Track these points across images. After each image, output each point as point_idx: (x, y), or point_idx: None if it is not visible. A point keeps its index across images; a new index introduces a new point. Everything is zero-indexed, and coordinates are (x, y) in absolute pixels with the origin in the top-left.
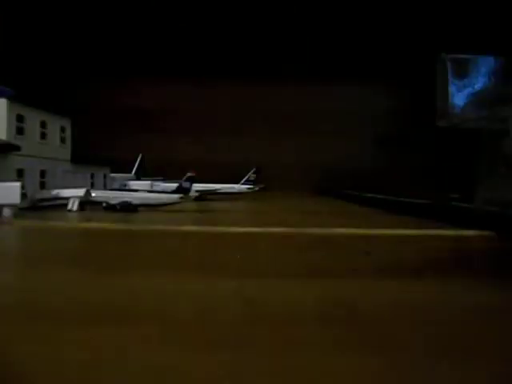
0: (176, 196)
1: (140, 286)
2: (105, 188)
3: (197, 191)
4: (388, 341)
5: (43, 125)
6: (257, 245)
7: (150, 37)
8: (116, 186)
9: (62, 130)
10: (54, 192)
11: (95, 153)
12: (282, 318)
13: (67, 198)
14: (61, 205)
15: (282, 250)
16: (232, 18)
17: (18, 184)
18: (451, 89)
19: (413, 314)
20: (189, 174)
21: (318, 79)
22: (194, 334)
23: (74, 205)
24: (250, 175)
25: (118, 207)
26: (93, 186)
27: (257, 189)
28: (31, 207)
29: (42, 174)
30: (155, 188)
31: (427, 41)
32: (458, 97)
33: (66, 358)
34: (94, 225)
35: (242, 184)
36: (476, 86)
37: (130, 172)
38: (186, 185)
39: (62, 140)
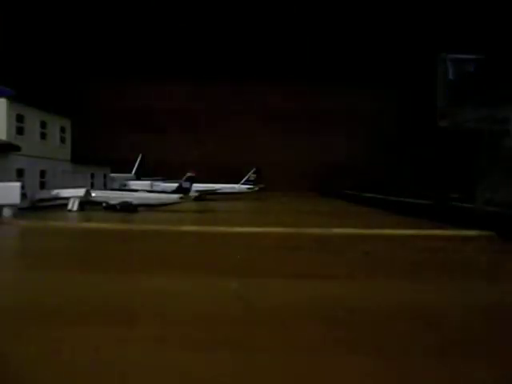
0: (176, 196)
1: (140, 285)
2: (105, 188)
3: (197, 191)
4: (388, 341)
5: (43, 125)
6: (257, 245)
7: (151, 37)
8: (116, 186)
9: (62, 129)
10: (54, 192)
11: (95, 153)
12: (282, 318)
13: (67, 198)
14: (61, 205)
15: (281, 250)
16: (232, 18)
17: (17, 184)
18: (451, 89)
19: (413, 314)
20: (189, 174)
21: (318, 79)
22: (193, 334)
23: (73, 205)
24: (250, 175)
25: (117, 207)
26: (93, 186)
27: (257, 189)
28: (31, 207)
29: (42, 174)
30: (155, 188)
31: (427, 41)
32: (458, 97)
33: (66, 358)
34: (93, 225)
35: (242, 184)
36: (475, 86)
37: (130, 172)
38: (185, 185)
39: (62, 140)
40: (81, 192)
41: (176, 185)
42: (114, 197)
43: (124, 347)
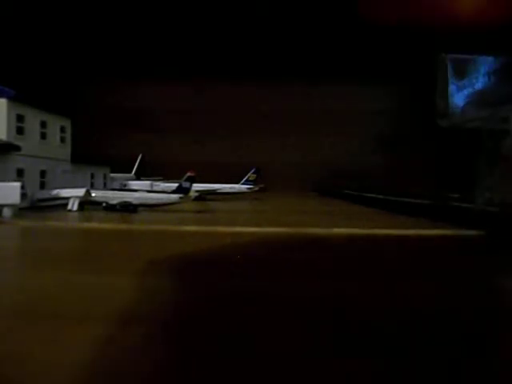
0: (176, 196)
1: (140, 285)
2: (105, 188)
3: (197, 191)
4: (388, 341)
5: (43, 125)
6: (257, 245)
7: (150, 37)
8: (116, 185)
9: (62, 129)
10: (54, 192)
11: (95, 153)
12: (282, 318)
13: (67, 198)
14: (61, 205)
15: (281, 249)
16: (232, 17)
17: (18, 184)
18: (451, 89)
19: (413, 314)
20: (188, 174)
21: (318, 80)
22: (193, 334)
23: (73, 205)
24: (250, 175)
25: (117, 207)
26: (93, 185)
27: (257, 189)
28: (31, 207)
29: (42, 173)
30: (155, 188)
31: (427, 41)
32: (458, 97)
33: (66, 358)
34: (94, 225)
35: (242, 184)
36: (476, 86)
37: (130, 172)
38: (185, 185)
39: (62, 140)
40: (81, 192)
41: (176, 185)
42: (114, 197)
43: (124, 348)
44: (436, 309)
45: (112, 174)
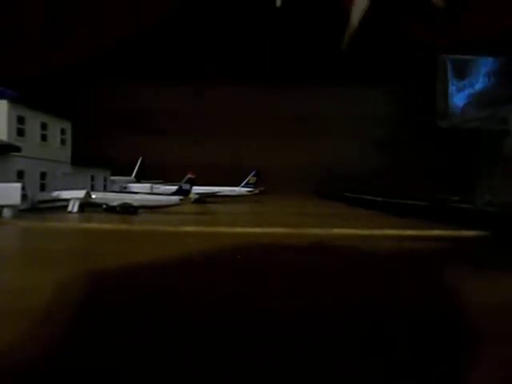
0: (176, 198)
1: (140, 285)
2: (105, 190)
3: (196, 194)
4: (387, 342)
5: (44, 126)
6: (257, 245)
7: (150, 37)
8: (116, 188)
9: (63, 131)
10: (55, 194)
11: (95, 155)
12: (282, 318)
13: (67, 200)
14: (61, 206)
15: (281, 250)
16: (232, 17)
17: (18, 185)
18: (451, 89)
19: (412, 315)
20: (188, 176)
21: (317, 81)
22: (193, 334)
23: (74, 206)
24: (250, 178)
25: (117, 209)
26: (93, 188)
27: (257, 191)
28: (31, 208)
29: (43, 175)
30: (155, 191)
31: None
32: (458, 97)
33: (65, 359)
34: (94, 225)
35: (242, 187)
36: (476, 87)
37: (130, 175)
38: (185, 187)
39: (63, 142)
40: (81, 194)
41: (176, 187)
42: (114, 198)
43: (123, 348)
44: (435, 308)
45: (112, 177)
